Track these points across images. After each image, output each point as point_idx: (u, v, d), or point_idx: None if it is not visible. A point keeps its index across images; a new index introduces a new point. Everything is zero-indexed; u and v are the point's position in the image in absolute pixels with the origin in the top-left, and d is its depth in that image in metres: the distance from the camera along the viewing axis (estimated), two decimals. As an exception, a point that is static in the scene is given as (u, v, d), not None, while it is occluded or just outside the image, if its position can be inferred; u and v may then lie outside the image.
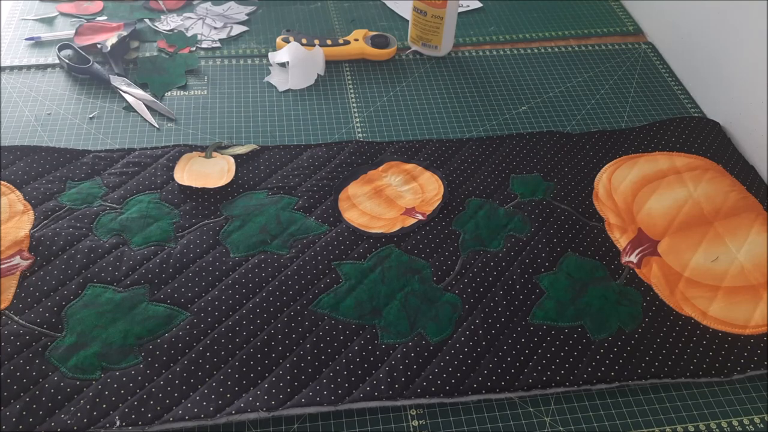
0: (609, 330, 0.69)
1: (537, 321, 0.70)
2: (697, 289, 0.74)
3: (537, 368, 0.66)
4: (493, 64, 1.06)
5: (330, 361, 0.66)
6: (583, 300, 0.72)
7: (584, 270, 0.75)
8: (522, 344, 0.68)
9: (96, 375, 0.63)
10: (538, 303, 0.71)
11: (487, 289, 0.72)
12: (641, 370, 0.66)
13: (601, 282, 0.74)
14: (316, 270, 0.73)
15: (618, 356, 0.67)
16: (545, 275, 0.74)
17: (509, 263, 0.75)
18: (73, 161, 0.82)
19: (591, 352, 0.67)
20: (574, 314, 0.71)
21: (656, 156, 0.90)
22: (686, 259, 0.77)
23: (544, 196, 0.83)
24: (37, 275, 0.70)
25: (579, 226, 0.80)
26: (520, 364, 0.66)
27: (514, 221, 0.80)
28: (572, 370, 0.66)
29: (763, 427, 0.64)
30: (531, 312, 0.71)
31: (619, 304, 0.72)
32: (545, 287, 0.73)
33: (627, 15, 1.19)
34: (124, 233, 0.75)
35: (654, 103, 1.00)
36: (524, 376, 0.65)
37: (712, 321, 0.71)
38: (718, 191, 0.84)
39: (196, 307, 0.69)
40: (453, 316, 0.70)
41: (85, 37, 1.02)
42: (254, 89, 0.97)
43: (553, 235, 0.78)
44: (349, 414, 0.63)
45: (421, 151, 0.88)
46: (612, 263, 0.76)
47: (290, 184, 0.82)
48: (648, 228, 0.80)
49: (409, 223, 0.79)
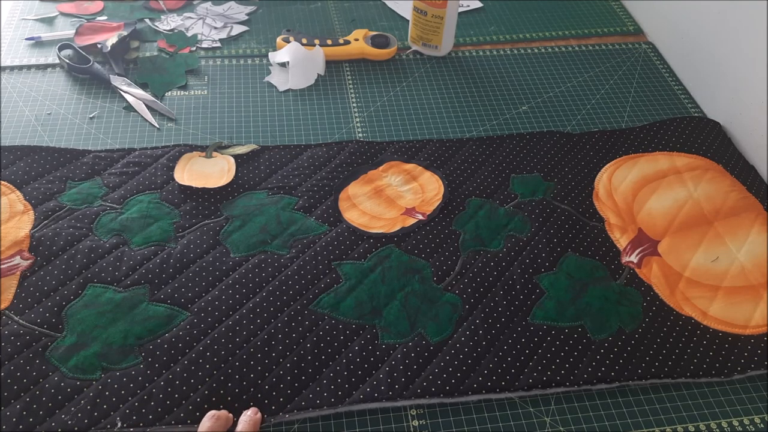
0: (609, 330, 0.69)
1: (537, 321, 0.70)
2: (697, 289, 0.74)
3: (537, 368, 0.66)
4: (493, 64, 1.06)
5: (330, 361, 0.66)
6: (583, 300, 0.72)
7: (584, 270, 0.75)
8: (522, 344, 0.68)
9: (96, 375, 0.63)
10: (538, 303, 0.71)
11: (488, 289, 0.72)
12: (641, 370, 0.66)
13: (601, 282, 0.74)
14: (316, 270, 0.73)
15: (618, 356, 0.67)
16: (545, 275, 0.74)
17: (509, 263, 0.75)
18: (73, 161, 0.82)
19: (591, 352, 0.67)
20: (575, 314, 0.71)
21: (656, 156, 0.89)
22: (686, 259, 0.77)
23: (545, 195, 0.83)
24: (38, 275, 0.70)
25: (579, 226, 0.80)
26: (521, 364, 0.66)
27: (515, 221, 0.80)
28: (572, 370, 0.66)
29: (763, 427, 0.64)
30: (531, 312, 0.71)
31: (619, 304, 0.72)
32: (545, 287, 0.73)
33: (627, 15, 1.19)
34: (125, 233, 0.75)
35: (654, 102, 1.00)
36: (524, 376, 0.65)
37: (712, 321, 0.71)
38: (718, 191, 0.84)
39: (197, 307, 0.69)
40: (453, 316, 0.70)
41: (85, 36, 1.02)
42: (254, 89, 0.97)
43: (553, 235, 0.78)
44: (350, 414, 0.63)
45: (421, 151, 0.88)
46: (612, 263, 0.76)
47: (290, 184, 0.82)
48: (648, 228, 0.80)
49: (410, 223, 0.79)
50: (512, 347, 0.67)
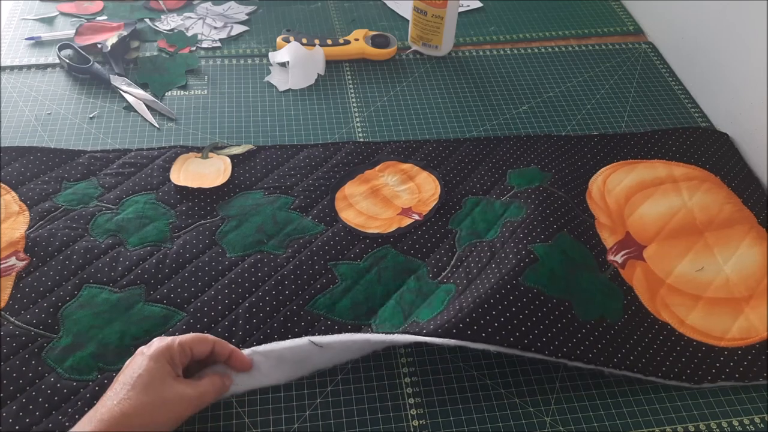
0: (593, 315, 0.68)
1: (528, 283, 0.67)
2: (678, 296, 0.74)
3: (520, 329, 0.63)
4: (493, 64, 1.05)
5: (326, 363, 0.66)
6: (573, 277, 0.70)
7: (577, 251, 0.74)
8: (510, 301, 0.65)
9: (92, 376, 0.63)
10: (531, 266, 0.69)
11: (481, 270, 0.71)
12: (617, 359, 0.65)
13: (591, 270, 0.73)
14: (312, 270, 0.73)
15: (598, 341, 0.66)
16: (540, 245, 0.71)
17: (504, 242, 0.73)
18: (68, 161, 0.82)
19: (573, 329, 0.65)
20: (564, 288, 0.68)
21: (655, 163, 0.89)
22: (671, 267, 0.77)
23: (541, 183, 0.82)
24: (33, 276, 0.70)
25: (573, 215, 0.78)
26: (505, 320, 0.63)
27: (511, 209, 0.79)
28: (553, 340, 0.64)
29: (763, 427, 0.64)
30: (524, 273, 0.68)
31: (603, 294, 0.71)
32: (540, 255, 0.70)
33: (627, 15, 1.18)
34: (120, 234, 0.75)
35: (654, 102, 1.00)
36: (506, 332, 0.62)
37: (688, 329, 0.71)
38: (713, 202, 0.84)
39: (193, 307, 0.69)
40: (446, 299, 0.68)
41: (85, 36, 1.02)
42: (254, 89, 0.97)
43: (549, 215, 0.76)
44: (350, 414, 0.63)
45: (418, 151, 0.88)
46: (599, 258, 0.76)
47: (287, 184, 0.82)
48: (637, 232, 0.80)
49: (406, 223, 0.78)
50: (499, 302, 0.64)
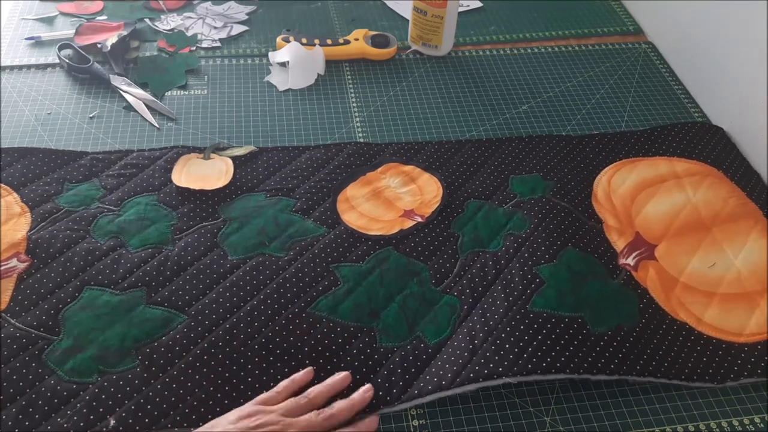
0: (608, 324, 0.68)
1: (537, 309, 0.68)
2: (692, 294, 0.74)
3: (537, 354, 0.64)
4: (493, 64, 1.05)
5: (328, 365, 0.66)
6: (583, 291, 0.71)
7: (584, 264, 0.74)
8: (521, 331, 0.66)
9: (93, 378, 0.63)
10: (538, 291, 0.70)
11: (486, 288, 0.72)
12: (639, 366, 0.66)
13: (601, 277, 0.73)
14: (314, 272, 0.73)
15: (617, 350, 0.66)
16: (545, 266, 0.73)
17: (508, 260, 0.74)
18: (70, 163, 0.82)
19: (591, 343, 0.66)
20: (575, 304, 0.69)
21: (656, 160, 0.89)
22: (683, 264, 0.77)
23: (544, 193, 0.82)
24: (34, 278, 0.70)
25: (578, 224, 0.79)
26: (519, 350, 0.65)
27: (514, 220, 0.79)
28: (572, 358, 0.65)
29: (763, 427, 0.64)
30: (531, 300, 0.69)
31: (617, 301, 0.71)
32: (545, 277, 0.72)
33: (627, 14, 1.18)
34: (122, 235, 0.75)
35: (654, 102, 1.00)
36: (523, 361, 0.64)
37: (706, 327, 0.71)
38: (717, 197, 0.84)
39: (194, 310, 0.69)
40: (452, 317, 0.69)
41: (85, 36, 1.02)
42: (254, 89, 0.97)
43: (553, 230, 0.77)
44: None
45: (420, 152, 0.88)
46: (609, 264, 0.76)
47: (288, 186, 0.82)
48: (645, 232, 0.80)
49: (408, 225, 0.78)
50: (511, 334, 0.66)
